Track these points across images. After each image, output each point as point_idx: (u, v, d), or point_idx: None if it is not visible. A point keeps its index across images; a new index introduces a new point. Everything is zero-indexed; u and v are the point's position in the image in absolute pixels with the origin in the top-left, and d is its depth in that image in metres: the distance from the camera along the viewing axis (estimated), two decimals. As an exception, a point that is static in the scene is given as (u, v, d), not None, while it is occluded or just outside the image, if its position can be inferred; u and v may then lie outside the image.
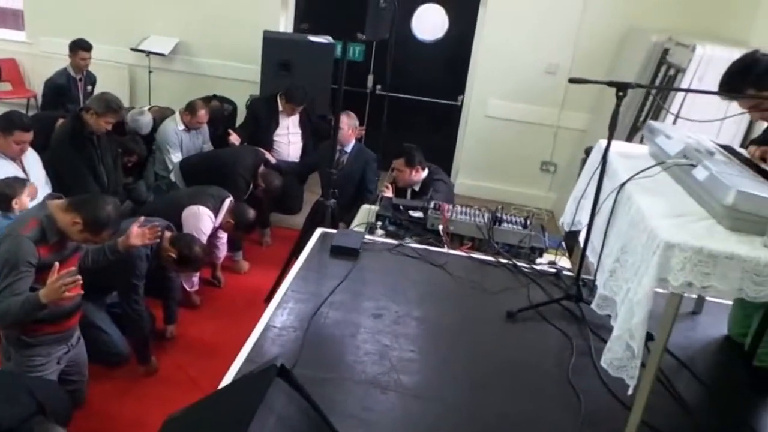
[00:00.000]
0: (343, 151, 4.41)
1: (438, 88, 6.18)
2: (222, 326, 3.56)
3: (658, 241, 1.55)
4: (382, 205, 3.35)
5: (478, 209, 3.23)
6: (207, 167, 4.25)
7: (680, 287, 1.50)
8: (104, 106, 3.67)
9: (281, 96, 4.78)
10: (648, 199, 1.84)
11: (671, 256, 1.51)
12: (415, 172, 3.78)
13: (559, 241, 3.36)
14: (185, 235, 3.15)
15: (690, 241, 1.51)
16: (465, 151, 6.18)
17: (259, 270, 4.21)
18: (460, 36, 5.95)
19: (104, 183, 3.89)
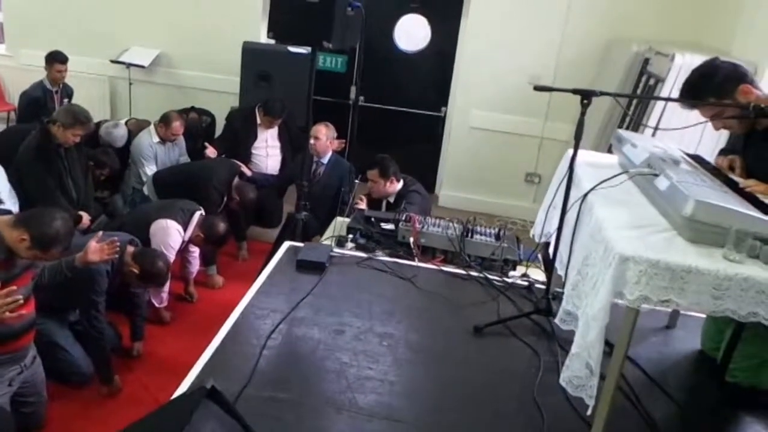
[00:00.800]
0: (320, 163, 4.35)
1: (421, 100, 6.14)
2: (192, 343, 3.42)
3: (613, 253, 1.49)
4: (353, 218, 3.28)
5: (450, 221, 3.16)
6: (179, 180, 4.18)
7: (636, 301, 1.43)
8: (71, 118, 3.59)
9: (259, 109, 4.72)
10: (608, 210, 1.78)
11: (626, 269, 1.44)
12: (389, 184, 3.72)
13: (534, 253, 3.30)
14: (148, 250, 3.07)
15: (646, 254, 1.44)
16: (449, 162, 6.13)
17: (235, 285, 4.11)
18: (442, 47, 5.92)
19: (73, 197, 3.80)
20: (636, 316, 1.45)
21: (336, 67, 6.10)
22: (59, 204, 3.64)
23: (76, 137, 3.65)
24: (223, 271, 4.30)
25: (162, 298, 3.59)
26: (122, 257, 2.93)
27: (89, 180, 4.01)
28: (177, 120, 4.45)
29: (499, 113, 5.77)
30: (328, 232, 3.32)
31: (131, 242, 3.09)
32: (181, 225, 3.50)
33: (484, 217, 5.95)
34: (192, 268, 3.90)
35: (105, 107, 6.19)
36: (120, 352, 3.30)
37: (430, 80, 6.11)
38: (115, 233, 2.99)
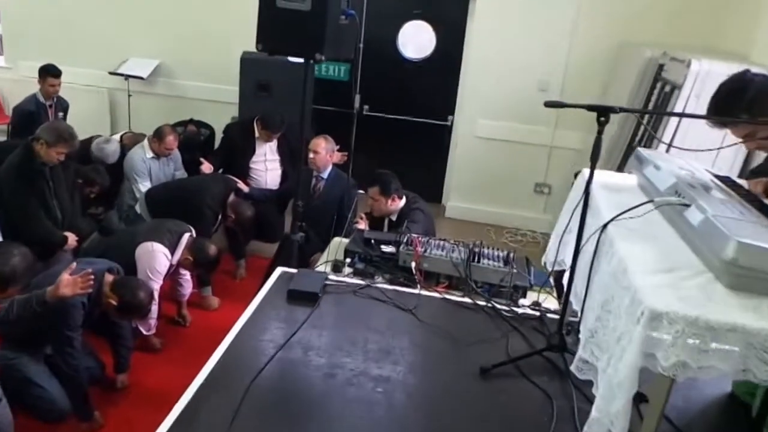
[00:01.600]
0: (320, 178, 4.15)
1: (427, 108, 5.93)
2: (182, 372, 3.19)
3: (642, 307, 1.27)
4: (352, 239, 3.07)
5: (455, 244, 2.95)
6: (172, 197, 3.99)
7: (672, 368, 1.20)
8: (55, 136, 3.40)
9: (257, 121, 4.53)
10: (632, 247, 1.56)
11: (659, 327, 1.22)
12: (391, 201, 3.51)
13: (546, 278, 3.08)
14: (128, 280, 2.86)
15: (682, 309, 1.22)
16: (456, 172, 5.91)
17: (231, 306, 3.90)
18: (448, 54, 5.71)
19: (57, 217, 3.62)
20: (671, 385, 1.23)
21: (338, 75, 5.91)
22: (42, 225, 3.48)
23: (60, 155, 3.45)
24: (220, 291, 4.10)
25: (150, 325, 3.38)
26: (100, 287, 2.74)
27: (76, 199, 3.82)
28: (170, 134, 4.26)
29: (507, 122, 5.56)
30: (325, 255, 3.10)
31: (111, 270, 2.89)
32: (168, 248, 3.31)
33: (492, 229, 5.77)
34: (184, 291, 3.71)
35: (104, 120, 6.04)
36: (104, 383, 3.11)
37: (436, 88, 5.90)
38: (94, 260, 2.80)
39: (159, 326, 3.58)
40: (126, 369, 3.15)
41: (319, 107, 5.64)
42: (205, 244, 3.40)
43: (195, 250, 3.36)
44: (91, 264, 2.77)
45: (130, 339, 3.13)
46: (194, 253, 3.35)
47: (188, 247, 3.37)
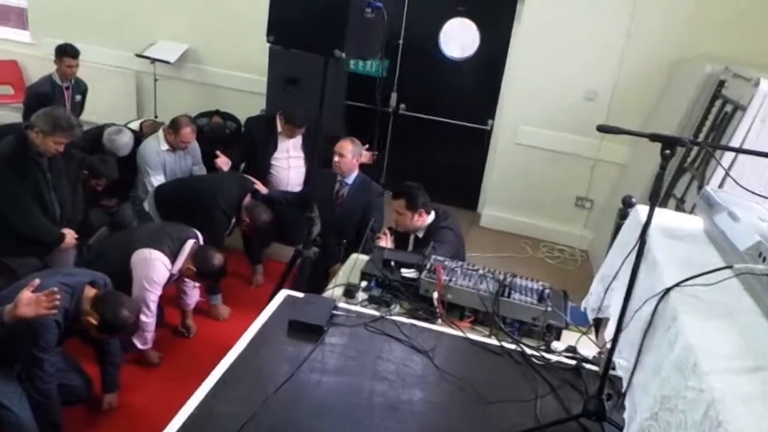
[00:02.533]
0: (344, 183, 3.85)
1: (466, 111, 5.58)
2: (179, 391, 3.00)
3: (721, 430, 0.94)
4: (370, 260, 2.78)
5: (484, 274, 2.63)
6: (183, 196, 3.72)
7: None
8: (51, 124, 3.05)
9: (280, 116, 4.27)
10: (702, 329, 1.23)
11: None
12: (417, 217, 3.20)
13: (585, 317, 2.74)
14: (111, 296, 2.54)
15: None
16: (493, 180, 5.56)
17: (243, 316, 3.60)
18: (491, 55, 5.34)
19: (55, 212, 3.31)
20: None
21: (377, 71, 5.60)
22: (36, 221, 3.21)
23: (59, 146, 3.12)
24: (232, 298, 3.85)
25: (145, 339, 3.09)
26: (79, 302, 2.47)
27: (79, 193, 3.55)
28: (187, 126, 4.00)
29: (550, 130, 5.17)
30: (341, 274, 2.82)
31: (93, 283, 2.57)
32: (169, 256, 3.05)
33: (528, 242, 5.42)
34: (188, 300, 3.42)
35: (131, 104, 5.87)
36: (90, 403, 2.86)
37: (476, 90, 5.54)
38: (73, 271, 2.56)
39: (160, 336, 3.35)
40: (115, 389, 2.88)
41: (353, 104, 5.35)
42: (209, 254, 3.13)
43: (198, 260, 3.10)
44: (69, 276, 2.51)
45: (118, 355, 2.85)
46: (197, 262, 3.10)
47: (191, 256, 3.11)
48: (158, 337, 3.32)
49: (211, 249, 3.15)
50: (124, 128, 4.21)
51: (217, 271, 3.12)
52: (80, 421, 2.79)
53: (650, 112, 4.88)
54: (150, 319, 3.06)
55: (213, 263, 3.09)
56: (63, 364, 2.71)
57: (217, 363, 2.47)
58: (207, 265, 3.08)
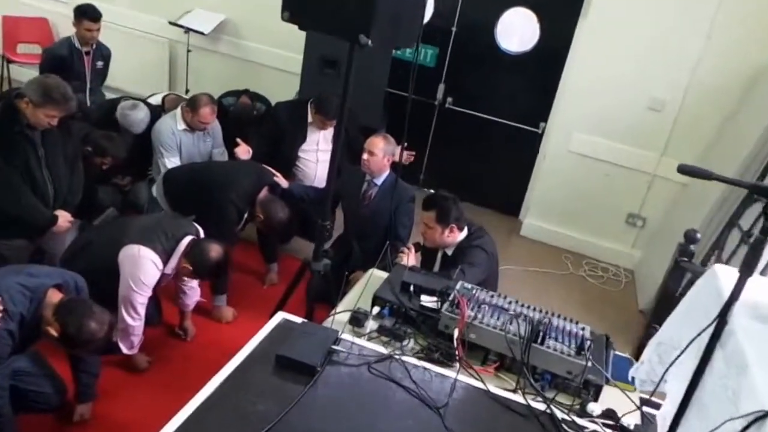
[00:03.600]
0: (373, 183, 3.50)
1: (518, 111, 5.15)
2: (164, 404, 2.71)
3: None
4: (387, 281, 2.44)
5: (516, 309, 2.26)
6: (193, 184, 3.41)
7: None
8: (41, 94, 2.73)
9: (311, 104, 3.92)
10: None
11: None
12: (448, 232, 2.83)
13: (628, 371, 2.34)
14: (79, 304, 2.17)
15: None
16: (539, 187, 5.12)
17: (250, 319, 3.34)
18: (551, 52, 4.87)
19: (47, 192, 3.01)
20: None
21: (424, 60, 5.21)
22: (24, 200, 2.93)
23: (51, 119, 2.80)
24: (241, 297, 3.55)
25: (131, 343, 2.80)
26: (39, 307, 2.13)
27: (79, 171, 3.23)
28: (206, 105, 3.66)
29: (607, 139, 4.71)
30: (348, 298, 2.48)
31: (61, 286, 2.23)
32: (160, 254, 2.71)
33: (570, 257, 4.98)
34: (187, 300, 3.12)
35: (163, 75, 5.63)
36: (62, 412, 2.58)
37: (531, 89, 5.09)
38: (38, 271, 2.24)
39: (153, 337, 3.08)
40: (89, 398, 2.58)
41: (396, 92, 4.98)
42: (204, 248, 2.74)
43: (192, 256, 2.76)
44: (32, 277, 2.19)
45: (95, 364, 2.53)
46: (191, 258, 2.77)
47: (185, 253, 2.77)
48: (151, 338, 3.06)
49: (207, 242, 2.81)
50: (140, 103, 3.91)
51: (214, 267, 2.76)
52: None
53: (723, 129, 4.36)
54: (137, 323, 2.77)
55: (209, 258, 2.73)
56: (32, 368, 2.44)
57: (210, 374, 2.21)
58: (202, 261, 2.74)
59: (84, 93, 4.44)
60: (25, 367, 2.42)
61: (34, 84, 2.80)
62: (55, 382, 2.49)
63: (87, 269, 2.69)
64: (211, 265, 2.74)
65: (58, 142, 3.00)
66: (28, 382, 2.40)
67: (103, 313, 2.21)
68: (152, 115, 3.97)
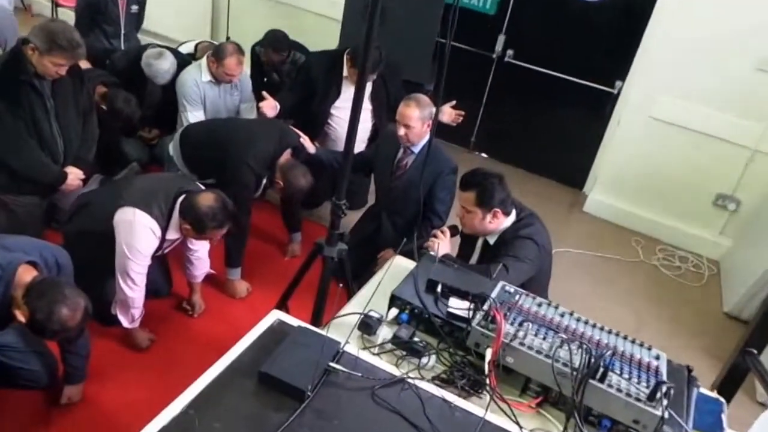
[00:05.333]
0: (409, 151, 3.01)
1: (591, 67, 4.47)
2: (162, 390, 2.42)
3: None
4: (411, 274, 1.98)
5: (570, 325, 1.76)
6: (210, 143, 3.02)
7: None
8: (46, 40, 2.47)
9: (347, 55, 3.42)
10: None
11: None
12: (491, 218, 2.32)
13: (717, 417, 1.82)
14: (50, 287, 1.86)
15: None
16: (611, 157, 4.47)
17: (265, 295, 3.00)
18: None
19: (56, 147, 2.77)
20: None
21: (482, 5, 4.58)
22: (30, 157, 2.69)
23: (59, 67, 2.55)
24: (258, 270, 3.19)
25: (132, 316, 2.53)
26: (9, 287, 1.86)
27: (91, 124, 2.96)
28: (233, 55, 3.26)
29: (699, 105, 3.99)
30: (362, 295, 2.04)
31: (36, 264, 1.94)
32: (157, 219, 2.39)
33: (642, 241, 4.31)
34: (195, 272, 2.80)
35: (205, 20, 5.23)
36: (51, 392, 2.35)
37: (608, 42, 4.38)
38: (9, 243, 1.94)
39: (158, 310, 2.79)
40: (77, 380, 2.33)
41: (444, 40, 4.39)
42: (194, 199, 2.40)
43: (186, 213, 2.40)
44: (5, 250, 1.90)
45: (84, 345, 2.25)
46: (185, 215, 2.40)
47: (181, 212, 2.42)
48: (157, 310, 2.77)
49: (197, 192, 2.44)
50: (167, 51, 3.53)
51: (210, 216, 2.37)
52: (27, 418, 2.28)
53: None
54: (135, 294, 2.47)
55: (200, 208, 2.36)
56: (20, 343, 2.21)
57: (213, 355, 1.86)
58: (196, 215, 2.36)
59: (118, 39, 4.13)
60: (12, 342, 2.21)
61: (39, 30, 2.53)
62: (46, 359, 2.28)
63: (83, 232, 2.52)
64: (207, 215, 2.37)
65: (69, 92, 2.75)
66: (15, 358, 2.20)
67: (77, 297, 1.89)
68: (182, 64, 3.62)
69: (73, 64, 2.65)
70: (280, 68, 4.09)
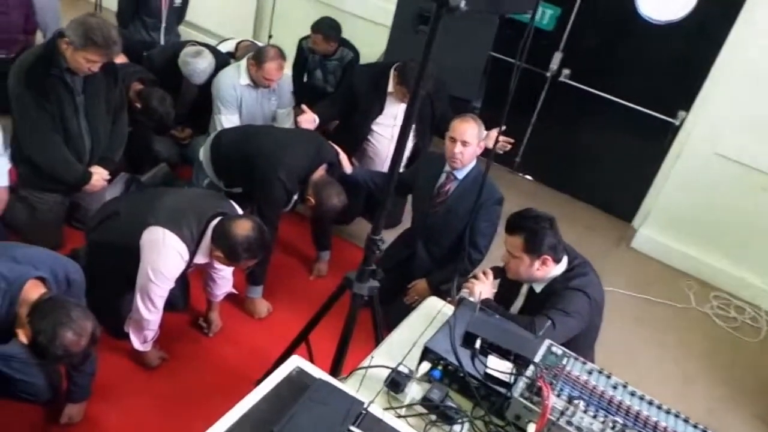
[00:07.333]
0: (452, 176, 2.79)
1: (652, 94, 4.15)
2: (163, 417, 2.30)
3: None
4: (447, 324, 1.77)
5: (624, 400, 1.53)
6: (242, 152, 2.84)
7: None
8: (81, 35, 2.37)
9: (394, 71, 3.22)
10: None
11: None
12: (539, 264, 2.08)
13: None
14: (56, 307, 1.71)
15: None
16: (666, 191, 4.14)
17: (286, 316, 2.84)
18: (709, 23, 3.81)
19: (82, 145, 2.67)
20: None
21: (541, 21, 4.32)
22: (54, 154, 2.58)
23: (92, 64, 2.45)
24: (281, 288, 3.00)
25: (145, 338, 2.38)
26: (14, 303, 1.73)
27: (121, 123, 2.85)
28: (274, 59, 3.09)
29: (771, 144, 3.66)
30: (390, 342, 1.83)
31: (45, 280, 1.80)
32: (187, 242, 2.24)
33: (694, 285, 3.93)
34: (215, 291, 2.64)
35: (249, 17, 5.07)
36: (53, 407, 2.21)
37: (672, 68, 4.06)
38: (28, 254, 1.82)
39: (173, 324, 2.63)
40: (81, 398, 2.19)
41: (500, 57, 4.17)
42: (229, 226, 2.23)
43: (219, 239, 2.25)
44: (13, 264, 1.77)
45: (91, 362, 2.13)
46: (219, 243, 2.25)
47: (213, 239, 2.26)
48: (171, 325, 2.60)
49: (232, 218, 2.28)
50: (205, 50, 3.39)
51: (246, 246, 2.22)
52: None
53: None
54: (153, 317, 2.32)
55: (235, 237, 2.21)
56: (24, 355, 2.04)
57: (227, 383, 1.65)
58: (230, 244, 2.22)
59: (158, 31, 4.02)
60: (17, 353, 2.05)
61: (76, 23, 2.43)
62: (49, 373, 2.14)
63: (108, 243, 2.41)
64: (241, 245, 2.21)
65: (100, 89, 2.65)
66: (17, 369, 2.07)
67: (84, 320, 1.73)
68: (220, 64, 3.47)
69: (107, 61, 2.54)
70: (325, 63, 3.90)
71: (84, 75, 2.53)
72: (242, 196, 2.87)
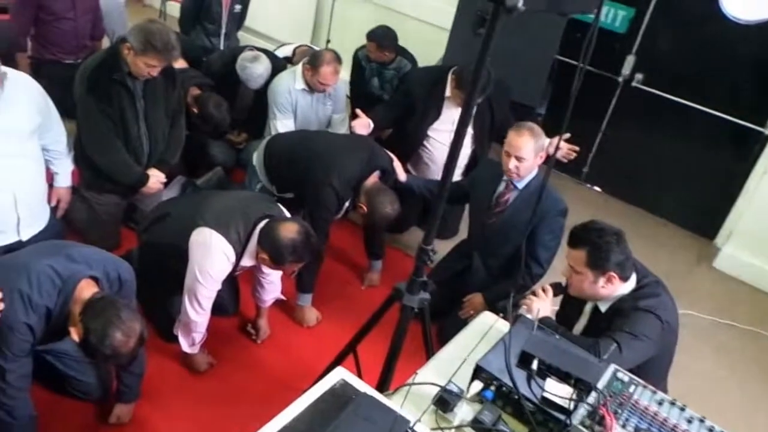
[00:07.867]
0: (512, 185, 2.62)
1: (735, 99, 3.86)
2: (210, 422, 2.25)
3: None
4: (502, 341, 1.62)
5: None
6: (294, 157, 2.78)
7: None
8: (141, 41, 2.41)
9: (452, 75, 3.09)
10: None
11: None
12: (604, 282, 1.89)
13: None
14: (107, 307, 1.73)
15: None
16: (753, 208, 3.79)
17: (335, 325, 2.75)
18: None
19: (141, 148, 2.71)
20: None
21: (612, 23, 4.10)
22: (113, 156, 2.64)
23: (152, 69, 2.49)
24: (330, 298, 2.91)
25: (193, 340, 2.35)
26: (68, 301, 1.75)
27: (179, 127, 2.87)
28: (330, 64, 3.03)
29: None
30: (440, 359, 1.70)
31: (97, 279, 1.83)
32: (234, 244, 2.20)
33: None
34: (264, 296, 2.57)
35: (308, 22, 5.07)
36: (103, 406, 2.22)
37: (759, 71, 3.76)
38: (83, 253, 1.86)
39: (221, 329, 2.59)
40: (130, 399, 2.19)
41: (566, 60, 3.97)
42: (275, 229, 2.19)
43: (265, 242, 2.20)
44: (68, 262, 1.80)
45: (140, 363, 2.11)
46: (265, 245, 2.20)
47: (259, 241, 2.22)
48: (219, 329, 2.56)
49: (278, 221, 2.24)
50: (262, 55, 3.38)
51: (291, 250, 2.16)
52: (76, 429, 2.17)
53: None
54: (200, 318, 2.29)
55: (281, 239, 2.15)
56: (78, 353, 2.07)
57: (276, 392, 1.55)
58: (276, 246, 2.16)
59: (218, 38, 4.08)
60: (70, 350, 2.10)
61: (137, 29, 2.49)
62: (101, 372, 2.18)
63: (158, 244, 2.43)
64: (287, 248, 2.16)
65: (160, 94, 2.69)
66: (71, 366, 2.13)
67: (133, 322, 1.74)
68: (277, 69, 3.46)
69: (167, 65, 2.58)
70: (383, 73, 3.83)
71: (144, 79, 2.57)
72: (294, 201, 2.82)
